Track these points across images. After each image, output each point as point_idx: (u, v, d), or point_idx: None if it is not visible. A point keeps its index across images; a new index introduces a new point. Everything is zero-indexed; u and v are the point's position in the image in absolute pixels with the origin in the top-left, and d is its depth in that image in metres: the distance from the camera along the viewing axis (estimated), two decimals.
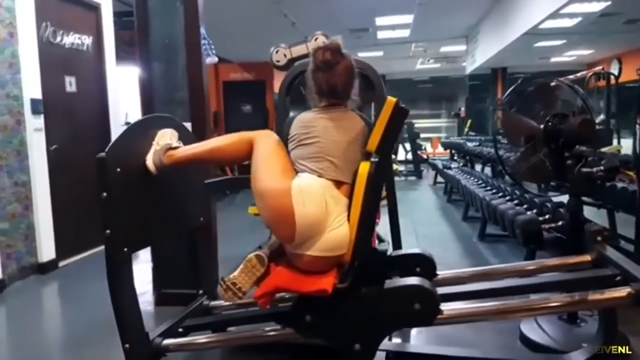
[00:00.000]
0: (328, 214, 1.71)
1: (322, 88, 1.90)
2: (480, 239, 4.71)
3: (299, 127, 1.91)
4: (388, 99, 1.75)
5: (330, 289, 1.65)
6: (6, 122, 3.63)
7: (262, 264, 1.81)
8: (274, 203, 1.71)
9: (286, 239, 1.75)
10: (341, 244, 1.73)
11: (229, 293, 1.80)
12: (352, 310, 1.74)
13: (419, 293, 1.69)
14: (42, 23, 3.95)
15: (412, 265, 2.09)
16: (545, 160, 2.41)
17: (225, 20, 6.69)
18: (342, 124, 1.87)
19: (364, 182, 1.71)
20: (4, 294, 3.50)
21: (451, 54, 10.70)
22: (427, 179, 10.18)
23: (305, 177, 1.79)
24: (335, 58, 1.86)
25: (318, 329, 1.77)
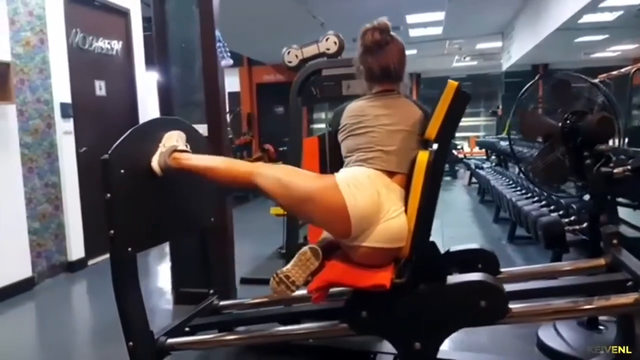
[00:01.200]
0: (381, 203, 1.64)
1: (374, 71, 1.81)
2: (510, 242, 4.56)
3: (349, 116, 1.84)
4: (449, 82, 1.65)
5: (388, 283, 1.56)
6: (37, 126, 3.78)
7: (316, 257, 1.74)
8: (324, 201, 1.63)
9: (343, 234, 1.67)
10: (399, 235, 1.65)
11: (282, 286, 1.71)
12: (412, 307, 1.66)
13: (485, 289, 1.60)
14: (72, 29, 4.10)
15: (472, 262, 1.98)
16: (563, 159, 2.30)
17: (256, 23, 6.77)
18: (395, 112, 1.79)
19: (423, 171, 1.62)
20: (34, 291, 3.65)
21: (488, 50, 10.43)
22: (463, 179, 9.98)
23: (347, 170, 1.74)
24: (385, 38, 1.77)
25: (375, 325, 1.70)
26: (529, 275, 2.13)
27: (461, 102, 1.67)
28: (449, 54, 10.90)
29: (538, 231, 3.00)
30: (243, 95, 9.39)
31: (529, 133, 2.53)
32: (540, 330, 2.46)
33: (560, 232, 2.84)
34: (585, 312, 1.84)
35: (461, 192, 8.59)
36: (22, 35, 3.64)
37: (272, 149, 7.43)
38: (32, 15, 3.71)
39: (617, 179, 2.18)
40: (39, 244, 3.78)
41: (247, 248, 4.89)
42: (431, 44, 9.60)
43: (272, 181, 1.74)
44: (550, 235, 2.84)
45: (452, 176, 10.48)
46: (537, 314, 1.70)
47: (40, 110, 3.81)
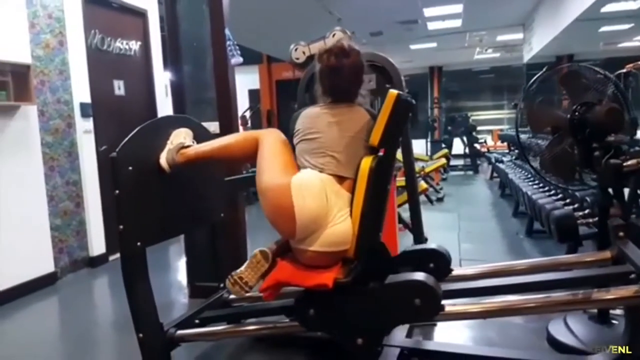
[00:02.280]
0: (329, 208, 1.72)
1: (328, 89, 1.91)
2: (528, 235, 4.51)
3: (303, 122, 1.92)
4: (389, 92, 1.75)
5: (330, 283, 1.65)
6: (57, 126, 3.90)
7: (266, 259, 1.84)
8: (274, 198, 1.72)
9: (288, 234, 1.77)
10: (343, 239, 1.73)
11: (236, 287, 1.84)
12: (353, 304, 1.75)
13: (419, 288, 1.66)
14: (90, 31, 4.21)
15: (425, 261, 2.05)
16: (571, 152, 2.27)
17: (274, 20, 6.83)
18: (346, 119, 1.87)
19: (366, 176, 1.71)
20: (57, 285, 3.78)
21: (510, 42, 10.23)
22: (485, 174, 9.85)
23: (305, 173, 1.80)
24: (339, 61, 1.85)
25: (321, 322, 1.79)
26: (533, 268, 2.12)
27: (402, 109, 1.76)
28: (469, 46, 10.75)
29: (551, 225, 2.97)
30: (262, 92, 9.46)
31: (536, 125, 2.50)
32: (551, 324, 2.44)
33: (573, 225, 2.80)
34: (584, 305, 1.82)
35: (482, 186, 8.50)
36: (42, 37, 3.75)
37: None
38: (51, 17, 3.82)
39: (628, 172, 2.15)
40: (61, 240, 3.90)
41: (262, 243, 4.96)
42: (451, 37, 9.49)
43: (259, 158, 1.85)
44: (563, 228, 2.81)
45: (473, 170, 10.37)
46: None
47: (61, 110, 3.93)
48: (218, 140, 2.10)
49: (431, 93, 14.12)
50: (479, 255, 4.05)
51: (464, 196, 7.34)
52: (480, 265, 2.21)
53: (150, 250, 2.01)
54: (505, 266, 2.16)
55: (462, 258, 3.86)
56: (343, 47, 1.87)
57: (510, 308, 1.74)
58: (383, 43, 9.46)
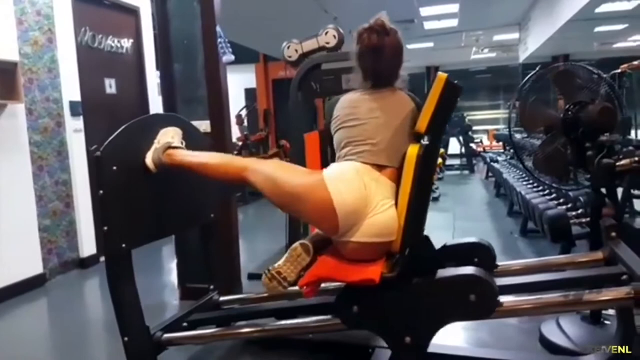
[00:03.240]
0: (369, 197, 1.63)
1: (369, 74, 1.81)
2: (522, 235, 4.48)
3: (343, 108, 1.83)
4: (438, 74, 1.64)
5: (377, 278, 1.55)
6: (47, 125, 3.85)
7: (307, 253, 1.73)
8: (311, 199, 1.63)
9: (331, 231, 1.67)
10: (388, 230, 1.64)
11: (274, 282, 1.70)
12: (402, 301, 1.65)
13: (475, 283, 1.57)
14: (81, 28, 4.16)
15: (469, 256, 1.95)
16: (564, 151, 2.24)
17: (270, 19, 6.76)
18: (389, 105, 1.77)
19: (413, 165, 1.61)
20: (46, 287, 3.72)
21: (506, 42, 10.23)
22: (481, 173, 9.84)
23: (335, 166, 1.74)
24: (381, 40, 1.74)
25: (366, 320, 1.69)
26: (525, 270, 2.11)
27: (451, 94, 1.65)
28: (466, 46, 10.74)
29: (544, 224, 2.95)
30: (259, 91, 9.39)
31: (529, 125, 2.47)
32: (543, 325, 2.41)
33: (566, 225, 2.78)
34: (576, 307, 1.78)
35: (478, 186, 8.48)
36: (31, 35, 3.70)
37: (287, 145, 7.42)
38: (40, 15, 3.77)
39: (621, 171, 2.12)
40: (50, 241, 3.85)
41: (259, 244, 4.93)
42: (448, 37, 9.47)
43: (262, 178, 1.74)
44: (556, 228, 2.79)
45: (470, 170, 10.36)
46: (528, 308, 1.67)
47: (50, 109, 3.88)
48: (205, 155, 2.02)
49: (428, 93, 14.04)
50: None
51: (459, 196, 7.31)
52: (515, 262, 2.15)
53: (142, 250, 1.98)
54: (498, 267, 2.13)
55: None
56: (384, 24, 1.76)
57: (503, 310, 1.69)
58: None
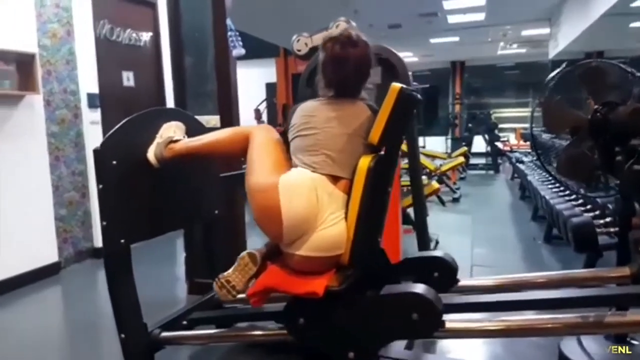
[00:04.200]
0: (319, 210, 1.60)
1: (332, 82, 1.78)
2: (546, 242, 4.29)
3: (299, 116, 1.80)
4: (392, 85, 1.60)
5: (320, 291, 1.54)
6: (64, 116, 3.86)
7: (254, 262, 1.75)
8: (260, 198, 1.62)
9: (274, 237, 1.66)
10: (335, 244, 1.61)
11: (224, 291, 1.76)
12: (346, 315, 1.62)
13: (417, 302, 1.52)
14: (99, 21, 4.15)
15: (429, 270, 1.91)
16: (590, 155, 2.09)
17: (289, 13, 6.69)
18: (345, 114, 1.73)
19: (363, 176, 1.58)
20: (60, 275, 3.75)
21: (535, 37, 9.87)
22: (506, 174, 9.60)
23: (294, 172, 1.68)
24: (345, 51, 1.72)
25: (311, 333, 1.67)
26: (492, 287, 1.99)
27: (406, 104, 1.62)
28: (493, 41, 10.42)
29: (568, 232, 2.79)
30: (279, 85, 9.32)
31: (553, 125, 2.32)
32: (563, 342, 2.27)
33: (591, 234, 2.63)
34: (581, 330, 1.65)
35: (502, 187, 8.26)
36: (49, 27, 3.70)
37: None
38: (58, 7, 3.77)
39: None
40: (65, 230, 3.87)
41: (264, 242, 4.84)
42: (473, 31, 9.19)
43: (249, 156, 1.74)
44: (580, 237, 2.64)
45: (494, 170, 10.12)
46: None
47: (67, 100, 3.88)
48: (207, 135, 1.99)
49: (452, 89, 13.80)
50: (492, 261, 3.87)
51: (481, 197, 7.13)
52: (487, 277, 2.06)
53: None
54: (515, 279, 2.00)
55: (473, 264, 3.69)
56: (350, 35, 1.73)
57: (518, 328, 1.58)
58: (402, 36, 9.23)
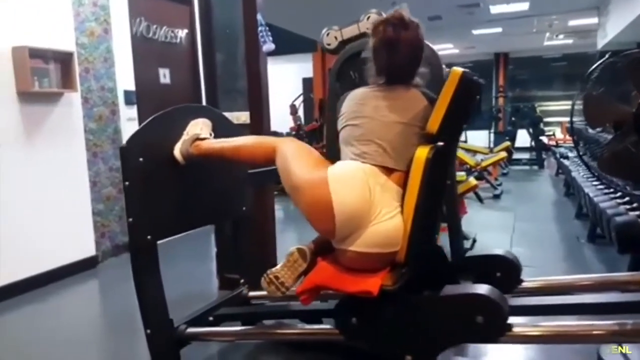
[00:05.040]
0: (372, 203, 1.52)
1: (383, 69, 1.70)
2: (590, 241, 4.08)
3: (350, 104, 1.74)
4: (453, 69, 1.51)
5: (375, 291, 1.47)
6: (101, 113, 3.95)
7: (304, 258, 1.68)
8: (309, 194, 1.55)
9: (327, 232, 1.58)
10: (391, 240, 1.53)
11: (272, 287, 1.70)
12: (403, 317, 1.55)
13: (482, 304, 1.43)
14: (135, 19, 4.23)
15: (490, 270, 1.82)
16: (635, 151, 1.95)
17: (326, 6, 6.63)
18: (399, 103, 1.66)
19: (421, 169, 1.49)
20: (97, 269, 3.86)
21: (583, 28, 9.43)
22: (551, 169, 9.25)
23: (343, 164, 1.64)
24: (397, 34, 1.63)
25: (365, 333, 1.61)
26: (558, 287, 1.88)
27: (468, 91, 1.52)
28: (538, 31, 10.03)
29: (611, 232, 2.64)
30: (315, 80, 9.30)
31: (593, 119, 2.19)
32: (602, 348, 2.14)
33: (636, 234, 2.47)
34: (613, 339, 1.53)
35: (546, 183, 7.96)
36: (87, 25, 3.78)
37: None
38: (96, 5, 3.85)
39: None
40: (103, 224, 3.98)
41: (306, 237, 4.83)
42: (517, 21, 8.87)
43: (281, 162, 1.69)
44: (624, 237, 2.49)
45: (538, 165, 9.77)
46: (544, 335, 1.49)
47: (105, 97, 3.98)
48: (233, 139, 1.98)
49: (496, 81, 13.40)
50: (532, 261, 3.66)
51: (524, 193, 6.88)
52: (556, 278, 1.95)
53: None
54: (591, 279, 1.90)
55: None
56: (402, 17, 1.65)
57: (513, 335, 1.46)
58: (442, 28, 9.00)
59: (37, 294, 3.31)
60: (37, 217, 3.41)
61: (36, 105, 3.38)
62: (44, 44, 3.33)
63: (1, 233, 3.17)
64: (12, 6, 3.21)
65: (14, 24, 3.22)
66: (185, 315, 2.09)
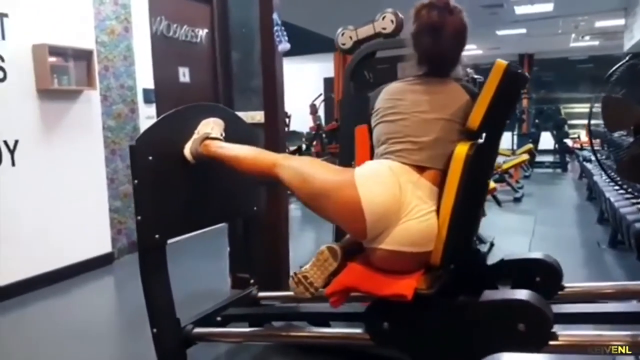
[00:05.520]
0: (404, 200, 1.47)
1: (427, 57, 1.61)
2: (611, 247, 3.98)
3: (385, 99, 1.66)
4: (497, 62, 1.43)
5: (410, 294, 1.40)
6: (120, 111, 4.00)
7: (335, 257, 1.61)
8: (338, 197, 1.49)
9: (359, 234, 1.53)
10: (424, 239, 1.47)
11: (301, 287, 1.62)
12: (438, 323, 1.48)
13: (524, 311, 1.36)
14: (156, 18, 4.28)
15: (529, 274, 1.73)
16: None
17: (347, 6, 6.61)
18: (438, 98, 1.58)
19: (461, 166, 1.41)
20: (113, 265, 3.91)
21: (609, 29, 9.21)
22: (574, 172, 9.05)
23: (370, 164, 1.60)
24: (442, 18, 1.54)
25: (397, 339, 1.54)
26: (601, 294, 1.80)
27: (513, 85, 1.43)
28: (564, 33, 9.84)
29: (631, 238, 2.56)
30: (336, 80, 9.27)
31: (612, 123, 2.12)
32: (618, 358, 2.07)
33: None
34: None
35: (568, 187, 7.80)
36: (107, 24, 3.84)
37: None
38: (117, 4, 3.90)
39: None
40: (119, 222, 4.03)
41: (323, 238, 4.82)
42: (542, 22, 8.72)
43: (292, 173, 1.64)
44: None
45: (562, 168, 9.58)
46: (591, 344, 1.38)
47: (124, 95, 4.03)
48: (238, 148, 1.94)
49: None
50: None
51: (545, 197, 6.75)
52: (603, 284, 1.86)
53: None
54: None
55: None
56: (447, 1, 1.56)
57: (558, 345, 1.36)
58: None
59: (53, 290, 3.36)
60: (54, 213, 3.46)
61: (55, 102, 3.44)
62: (64, 42, 3.39)
63: (19, 229, 3.23)
64: (33, 5, 3.27)
65: (34, 22, 3.28)
66: (194, 314, 2.10)
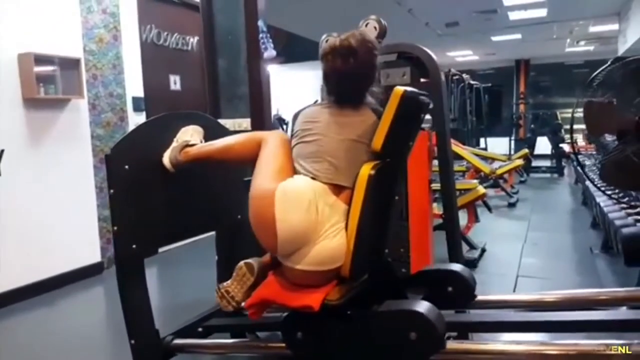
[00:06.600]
0: (319, 223, 1.53)
1: (333, 92, 1.72)
2: (604, 252, 3.95)
3: (302, 122, 1.74)
4: (395, 89, 1.53)
5: (316, 306, 1.50)
6: (109, 119, 3.99)
7: (251, 272, 1.70)
8: (255, 206, 1.56)
9: (270, 248, 1.61)
10: (335, 257, 1.55)
11: (224, 301, 1.73)
12: (342, 331, 1.56)
13: (416, 320, 1.43)
14: (146, 26, 4.28)
15: (443, 284, 1.81)
16: (636, 161, 1.88)
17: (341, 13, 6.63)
18: (349, 120, 1.67)
19: (364, 186, 1.51)
20: (103, 275, 3.89)
21: (604, 34, 9.21)
22: (570, 177, 9.05)
23: (294, 181, 1.61)
24: (345, 64, 1.64)
25: (309, 348, 1.62)
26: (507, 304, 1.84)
27: (410, 110, 1.54)
28: (559, 38, 9.84)
29: (618, 244, 2.54)
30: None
31: (595, 128, 2.11)
32: None
33: None
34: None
35: (564, 192, 7.78)
36: (96, 32, 3.83)
37: None
38: (105, 13, 3.90)
39: None
40: (109, 230, 3.99)
41: None
42: (536, 28, 8.73)
43: (257, 165, 1.69)
44: (631, 249, 2.38)
45: (558, 173, 9.57)
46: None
47: (113, 104, 4.01)
48: (221, 140, 1.95)
49: (517, 88, 13.22)
50: (540, 272, 3.61)
51: (540, 202, 6.72)
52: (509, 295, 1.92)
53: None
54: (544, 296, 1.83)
55: (520, 274, 3.47)
56: (350, 45, 1.64)
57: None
58: (460, 34, 8.94)
59: (42, 300, 3.33)
60: (42, 223, 3.45)
61: (42, 111, 3.43)
62: (50, 51, 3.39)
63: (7, 238, 3.21)
64: (19, 13, 3.27)
65: (20, 31, 3.28)
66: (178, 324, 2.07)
